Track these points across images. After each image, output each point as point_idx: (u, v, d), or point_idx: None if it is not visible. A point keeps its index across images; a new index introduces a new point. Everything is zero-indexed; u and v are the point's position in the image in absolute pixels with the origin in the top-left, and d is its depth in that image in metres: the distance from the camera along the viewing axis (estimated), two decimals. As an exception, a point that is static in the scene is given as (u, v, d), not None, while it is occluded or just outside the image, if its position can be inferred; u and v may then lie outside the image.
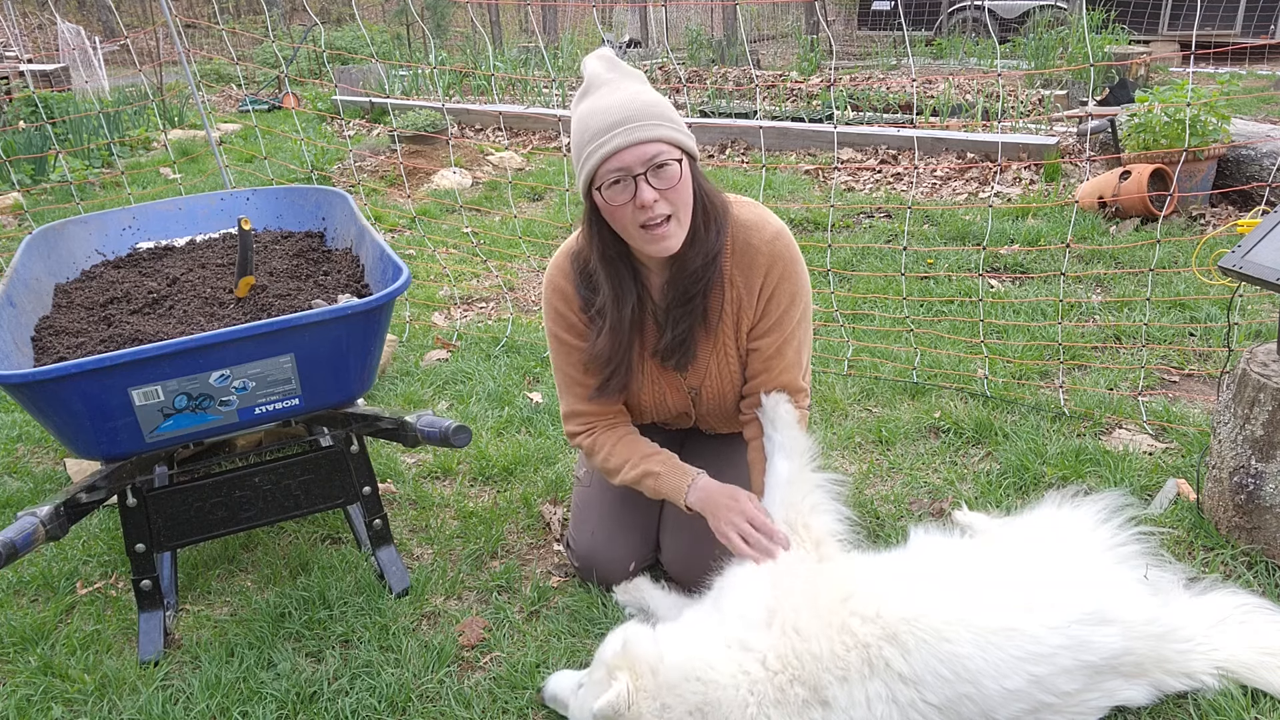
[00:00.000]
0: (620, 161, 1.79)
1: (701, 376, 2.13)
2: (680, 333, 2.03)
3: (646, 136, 1.79)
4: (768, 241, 1.99)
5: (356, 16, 8.21)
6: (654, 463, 2.10)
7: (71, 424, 1.89)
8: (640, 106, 1.81)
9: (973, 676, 1.61)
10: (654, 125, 1.80)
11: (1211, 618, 1.87)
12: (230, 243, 2.88)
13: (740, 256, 2.01)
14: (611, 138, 1.79)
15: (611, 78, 1.86)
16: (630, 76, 1.87)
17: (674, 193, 1.83)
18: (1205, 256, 4.11)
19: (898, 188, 5.94)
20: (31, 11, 16.04)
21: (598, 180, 1.83)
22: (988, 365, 3.27)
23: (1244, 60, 10.31)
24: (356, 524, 2.49)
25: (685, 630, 1.76)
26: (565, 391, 2.18)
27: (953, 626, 1.63)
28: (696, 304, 2.01)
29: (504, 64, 10.28)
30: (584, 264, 2.04)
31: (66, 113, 7.97)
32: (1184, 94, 4.73)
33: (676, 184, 1.83)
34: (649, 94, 1.85)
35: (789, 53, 11.80)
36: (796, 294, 2.02)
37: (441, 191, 6.22)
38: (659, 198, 1.82)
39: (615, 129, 1.79)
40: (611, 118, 1.80)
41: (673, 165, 1.82)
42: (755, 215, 2.03)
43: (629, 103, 1.81)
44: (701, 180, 1.93)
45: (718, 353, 2.09)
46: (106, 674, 2.06)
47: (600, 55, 1.90)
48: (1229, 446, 2.23)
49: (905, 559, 1.88)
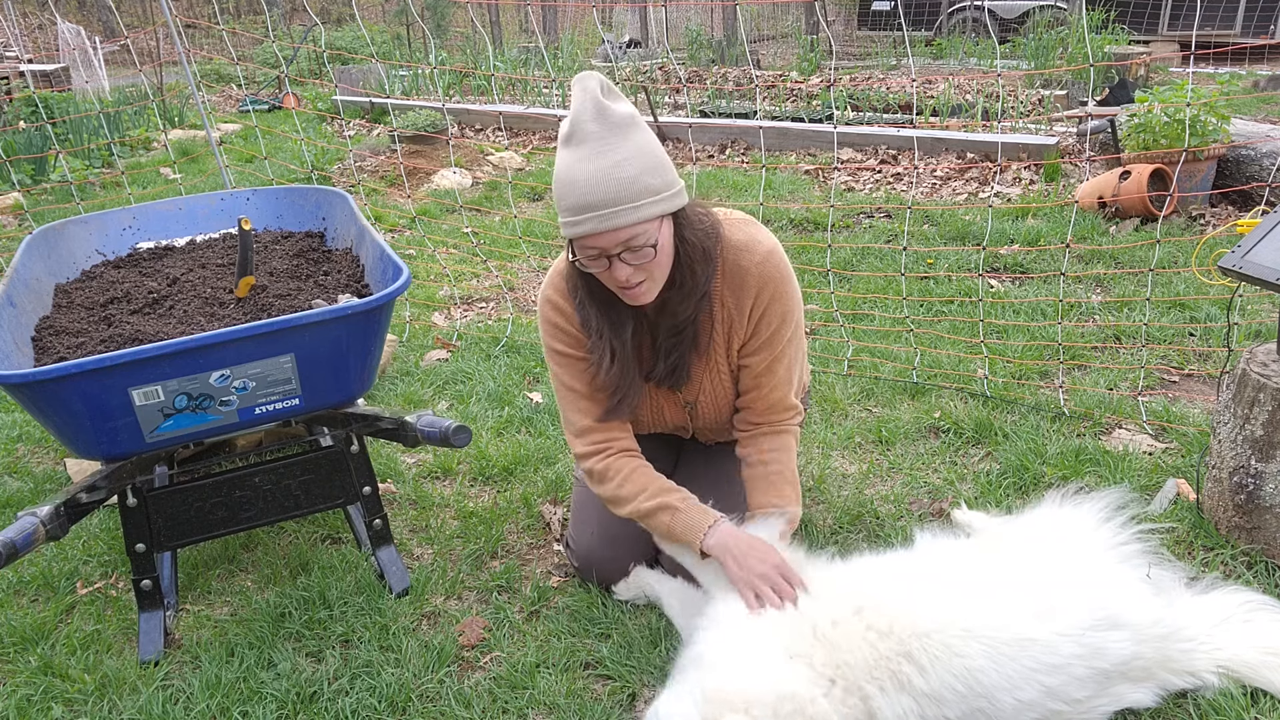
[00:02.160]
0: (594, 243, 1.75)
1: (696, 392, 2.13)
2: (673, 361, 2.02)
3: (621, 224, 1.71)
4: (758, 263, 1.96)
5: (356, 16, 8.22)
6: (674, 498, 2.01)
7: (71, 424, 1.89)
8: (619, 185, 1.70)
9: (986, 691, 1.59)
10: (630, 209, 1.71)
11: (1215, 616, 1.87)
12: (230, 243, 2.88)
13: (730, 278, 1.98)
14: (585, 220, 1.72)
15: (595, 131, 1.71)
16: (616, 129, 1.72)
17: (651, 265, 1.80)
18: (1205, 256, 4.11)
19: (898, 188, 5.94)
20: (31, 11, 16.04)
21: (574, 247, 1.81)
22: (988, 365, 3.27)
23: (1244, 60, 10.31)
24: (356, 524, 2.49)
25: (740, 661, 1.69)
26: (570, 408, 2.08)
27: (965, 641, 1.61)
28: (687, 334, 1.99)
29: (504, 64, 10.28)
30: (575, 290, 2.00)
31: (67, 113, 7.97)
32: (1184, 94, 4.74)
33: (653, 259, 1.80)
34: (632, 160, 1.71)
35: (789, 53, 11.80)
36: (787, 314, 2.01)
37: (441, 191, 6.22)
38: (633, 271, 1.79)
39: (589, 212, 1.71)
40: (586, 197, 1.70)
41: (648, 249, 1.77)
42: (746, 236, 1.98)
43: (607, 179, 1.70)
44: (687, 231, 1.86)
45: (710, 370, 2.09)
46: (106, 674, 2.06)
47: (585, 89, 1.73)
48: (1229, 446, 2.23)
49: (909, 563, 1.88)
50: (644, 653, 2.04)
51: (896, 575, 1.82)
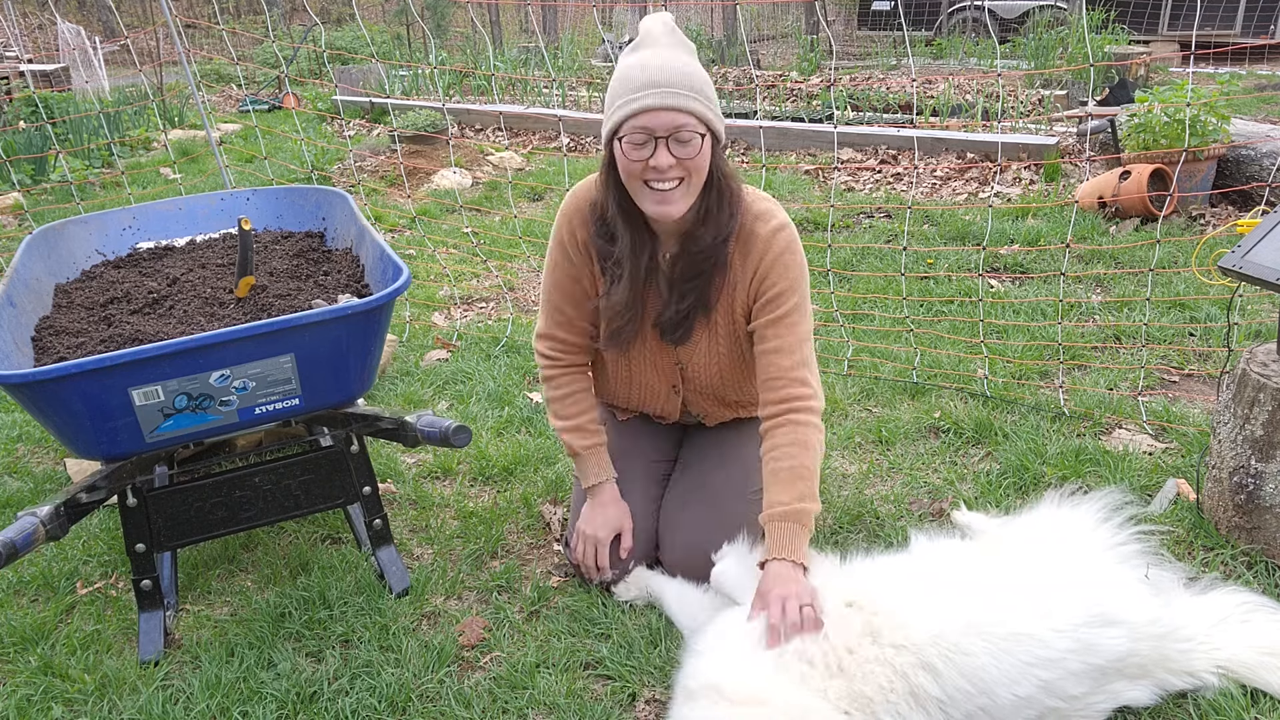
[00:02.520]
0: (646, 121, 1.84)
1: (691, 352, 2.18)
2: (685, 307, 2.07)
3: (678, 105, 1.83)
4: (770, 231, 2.03)
5: (356, 16, 8.22)
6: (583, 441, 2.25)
7: (71, 424, 1.89)
8: (681, 75, 1.84)
9: (988, 687, 1.60)
10: (688, 97, 1.84)
11: (1213, 616, 1.87)
12: (230, 243, 2.88)
13: (743, 242, 2.05)
14: (644, 95, 1.83)
15: (665, 40, 1.89)
16: (682, 46, 1.91)
17: (690, 163, 1.89)
18: (1205, 256, 4.11)
19: (898, 188, 5.94)
20: (31, 11, 16.04)
21: (621, 131, 1.88)
22: (988, 365, 3.27)
23: (1244, 60, 10.30)
24: (356, 524, 2.49)
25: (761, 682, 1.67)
26: (547, 310, 2.24)
27: (969, 637, 1.62)
28: (704, 280, 2.05)
29: (504, 64, 10.28)
30: (601, 213, 2.07)
31: (66, 113, 7.97)
32: (1184, 94, 4.74)
33: (695, 156, 1.88)
34: (694, 67, 1.88)
35: (789, 53, 11.80)
36: (794, 283, 2.05)
37: (441, 191, 6.22)
38: (674, 164, 1.87)
39: (650, 88, 1.83)
40: (650, 76, 1.83)
41: (695, 139, 1.86)
42: (765, 207, 2.07)
43: (672, 68, 1.84)
44: (721, 163, 1.97)
45: (709, 330, 2.13)
46: (106, 674, 2.06)
47: (661, 18, 1.93)
48: (1229, 446, 2.23)
49: (908, 566, 1.88)
50: (644, 653, 2.04)
51: (898, 580, 1.81)
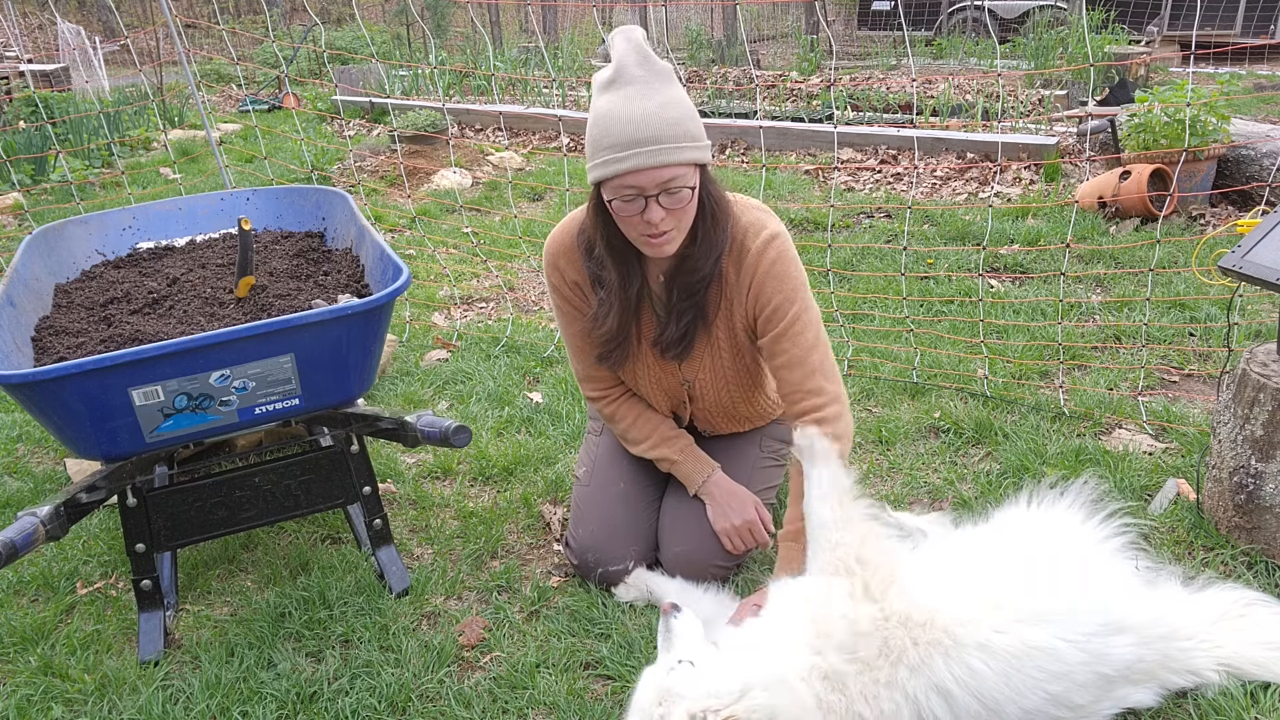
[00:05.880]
0: (636, 180, 1.78)
1: (696, 369, 2.16)
2: (684, 326, 2.06)
3: (667, 161, 1.76)
4: (763, 243, 2.00)
5: (356, 16, 8.22)
6: (673, 449, 2.25)
7: (71, 424, 1.89)
8: (663, 124, 1.76)
9: (996, 704, 1.57)
10: (676, 149, 1.77)
11: (1212, 614, 1.86)
12: (230, 243, 2.88)
13: (735, 255, 2.03)
14: (632, 155, 1.75)
15: (641, 75, 1.79)
16: (661, 76, 1.81)
17: (681, 211, 1.85)
18: (1205, 256, 4.11)
19: (898, 188, 5.94)
20: (31, 11, 16.04)
21: (608, 189, 1.83)
22: (988, 365, 3.27)
23: (1244, 60, 10.30)
24: (356, 524, 2.49)
25: None
26: (577, 355, 2.26)
27: (980, 656, 1.57)
28: (699, 299, 2.04)
29: (504, 64, 10.28)
30: (589, 244, 2.06)
31: (66, 113, 7.97)
32: (1184, 94, 4.73)
33: (685, 205, 1.85)
34: (676, 104, 1.79)
35: (789, 53, 11.79)
36: (793, 292, 2.02)
37: (441, 191, 6.22)
38: (665, 216, 1.83)
39: (637, 148, 1.75)
40: (636, 132, 1.75)
41: (685, 191, 1.82)
42: (755, 217, 2.04)
43: (656, 118, 1.76)
44: (710, 186, 1.94)
45: (711, 346, 2.12)
46: (106, 674, 2.06)
47: (630, 39, 1.82)
48: (1229, 446, 2.22)
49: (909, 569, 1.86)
50: (644, 653, 2.03)
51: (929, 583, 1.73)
